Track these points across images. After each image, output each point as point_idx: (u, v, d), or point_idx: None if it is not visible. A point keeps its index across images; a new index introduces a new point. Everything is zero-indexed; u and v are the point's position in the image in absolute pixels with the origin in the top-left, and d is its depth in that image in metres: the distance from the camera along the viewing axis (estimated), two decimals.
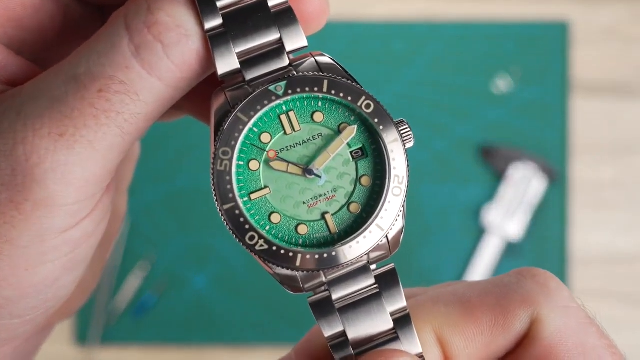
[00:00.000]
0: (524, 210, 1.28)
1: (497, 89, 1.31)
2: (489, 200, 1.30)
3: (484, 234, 1.29)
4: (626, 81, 1.31)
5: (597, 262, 1.30)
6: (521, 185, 1.29)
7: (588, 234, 1.30)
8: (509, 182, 1.29)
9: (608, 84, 1.32)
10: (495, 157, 1.29)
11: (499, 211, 1.28)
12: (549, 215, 1.30)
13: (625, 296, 1.29)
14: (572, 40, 1.31)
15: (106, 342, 1.28)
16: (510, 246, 1.29)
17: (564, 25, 1.31)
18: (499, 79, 1.31)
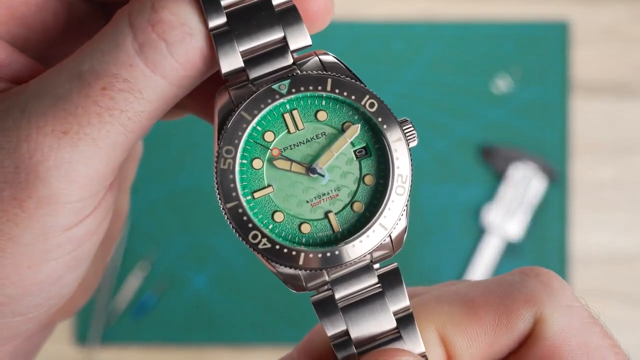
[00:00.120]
0: (524, 210, 1.28)
1: (497, 89, 1.31)
2: (489, 200, 1.30)
3: (484, 234, 1.29)
4: (626, 81, 1.31)
5: (597, 262, 1.30)
6: (521, 185, 1.29)
7: (588, 234, 1.30)
8: (509, 182, 1.29)
9: (608, 84, 1.32)
10: (495, 157, 1.29)
11: (499, 211, 1.28)
12: (549, 215, 1.30)
13: (625, 296, 1.29)
14: (572, 40, 1.31)
15: (106, 342, 1.28)
16: (510, 246, 1.29)
17: (564, 25, 1.31)
18: (499, 79, 1.31)
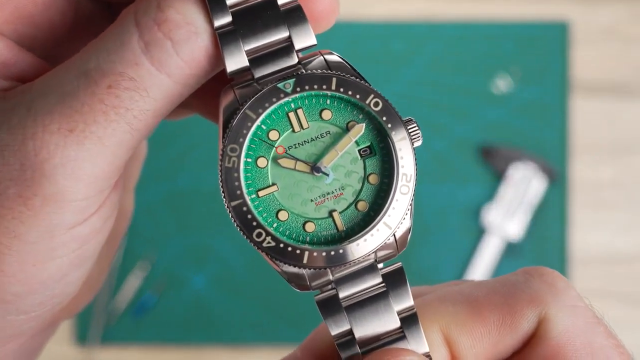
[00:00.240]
0: (524, 210, 1.28)
1: (497, 89, 1.31)
2: (489, 200, 1.30)
3: (484, 234, 1.29)
4: (626, 81, 1.32)
5: (597, 262, 1.30)
6: (521, 185, 1.29)
7: (588, 234, 1.30)
8: (509, 182, 1.29)
9: (608, 84, 1.32)
10: (495, 157, 1.29)
11: (499, 211, 1.28)
12: (549, 215, 1.30)
13: (625, 296, 1.29)
14: (572, 40, 1.31)
15: (106, 342, 1.27)
16: (510, 246, 1.29)
17: (563, 25, 1.31)
18: (499, 79, 1.31)
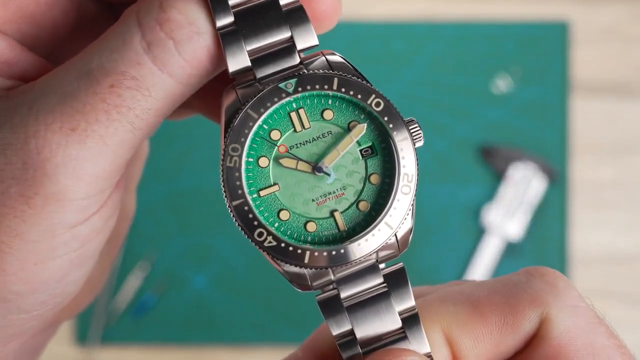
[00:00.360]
0: (524, 210, 1.28)
1: (497, 89, 1.31)
2: (489, 200, 1.30)
3: (484, 234, 1.29)
4: (626, 81, 1.32)
5: (597, 262, 1.30)
6: (521, 185, 1.29)
7: (588, 234, 1.30)
8: (509, 182, 1.29)
9: (608, 84, 1.32)
10: (495, 157, 1.29)
11: (499, 211, 1.28)
12: (549, 215, 1.30)
13: (625, 296, 1.29)
14: (572, 40, 1.31)
15: (106, 342, 1.27)
16: (510, 246, 1.29)
17: (564, 25, 1.31)
18: (499, 79, 1.31)
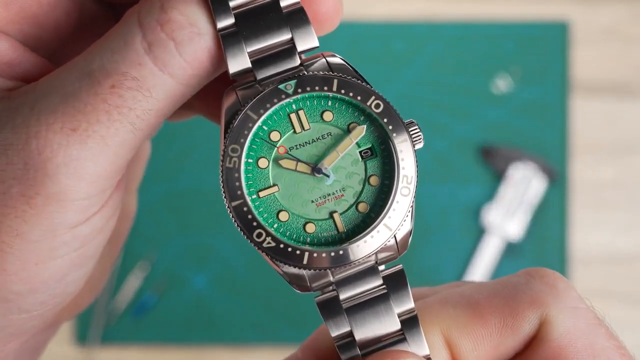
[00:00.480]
0: (524, 210, 1.28)
1: (497, 89, 1.31)
2: (489, 200, 1.30)
3: (484, 234, 1.29)
4: (626, 81, 1.31)
5: (597, 262, 1.30)
6: (521, 185, 1.29)
7: (588, 234, 1.30)
8: (509, 182, 1.29)
9: (608, 84, 1.32)
10: (495, 157, 1.29)
11: (499, 211, 1.28)
12: (549, 215, 1.30)
13: (625, 296, 1.29)
14: (572, 40, 1.31)
15: (106, 342, 1.27)
16: (510, 246, 1.29)
17: (564, 25, 1.31)
18: (499, 79, 1.31)
